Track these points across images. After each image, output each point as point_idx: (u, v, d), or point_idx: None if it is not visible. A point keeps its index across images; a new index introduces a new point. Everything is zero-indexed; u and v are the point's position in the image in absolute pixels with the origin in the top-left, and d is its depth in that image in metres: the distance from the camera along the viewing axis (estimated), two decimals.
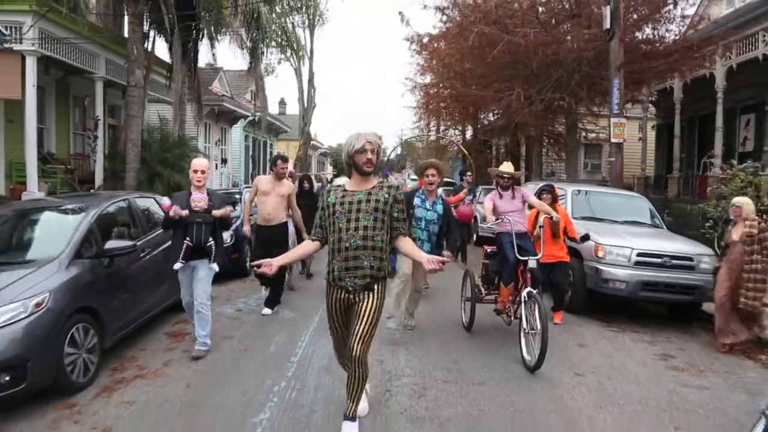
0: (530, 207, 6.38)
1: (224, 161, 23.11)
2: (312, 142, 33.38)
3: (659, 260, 6.78)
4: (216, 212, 5.14)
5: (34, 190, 10.79)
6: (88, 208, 5.14)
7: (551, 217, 6.08)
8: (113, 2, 12.98)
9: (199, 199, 5.05)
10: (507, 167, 6.20)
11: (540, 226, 6.21)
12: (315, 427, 3.77)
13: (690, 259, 6.84)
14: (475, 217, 10.89)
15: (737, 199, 6.41)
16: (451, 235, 6.07)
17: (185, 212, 5.00)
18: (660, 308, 7.70)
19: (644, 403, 4.39)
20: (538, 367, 4.83)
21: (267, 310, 6.67)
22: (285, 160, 6.87)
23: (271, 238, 6.59)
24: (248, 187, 10.58)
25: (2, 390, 3.70)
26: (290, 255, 3.95)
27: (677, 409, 4.29)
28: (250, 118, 24.14)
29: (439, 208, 5.86)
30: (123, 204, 5.80)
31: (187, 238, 5.00)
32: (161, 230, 5.57)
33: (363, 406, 3.78)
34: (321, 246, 3.64)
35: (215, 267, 5.22)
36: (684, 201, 14.14)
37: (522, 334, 5.16)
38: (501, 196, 6.06)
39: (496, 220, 5.83)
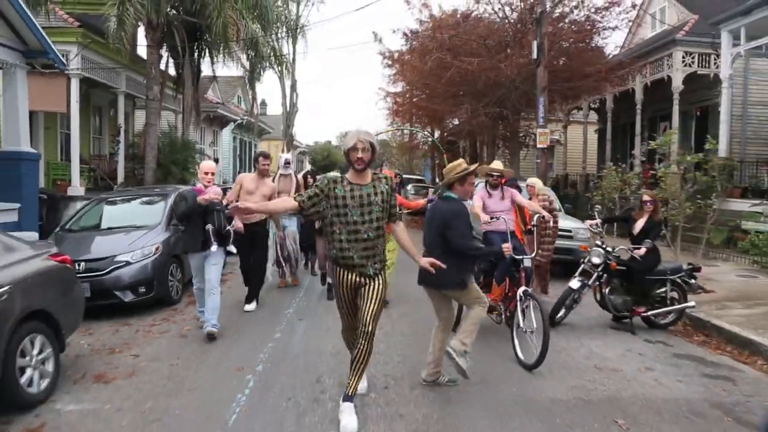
0: (519, 207, 6.25)
1: (216, 161, 25.65)
2: (293, 142, 35.88)
3: None
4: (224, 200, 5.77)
5: (77, 185, 13.31)
6: (166, 195, 7.91)
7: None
8: (133, 30, 15.51)
9: (215, 192, 5.74)
10: (497, 164, 6.07)
11: (534, 225, 6.08)
12: (320, 321, 6.65)
13: (569, 231, 9.70)
14: None
15: (530, 180, 7.47)
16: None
17: (216, 196, 5.60)
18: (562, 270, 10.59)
19: None
20: (538, 365, 4.70)
21: (249, 306, 6.83)
22: (266, 156, 6.94)
23: (251, 237, 6.56)
24: None
25: (142, 296, 6.55)
26: (267, 205, 4.48)
27: None
28: (239, 122, 26.80)
29: None
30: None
31: (209, 225, 5.55)
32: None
33: (363, 385, 4.00)
34: (297, 210, 3.65)
35: (233, 249, 5.84)
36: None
37: (516, 333, 5.09)
38: (490, 195, 5.98)
39: (490, 219, 5.72)
